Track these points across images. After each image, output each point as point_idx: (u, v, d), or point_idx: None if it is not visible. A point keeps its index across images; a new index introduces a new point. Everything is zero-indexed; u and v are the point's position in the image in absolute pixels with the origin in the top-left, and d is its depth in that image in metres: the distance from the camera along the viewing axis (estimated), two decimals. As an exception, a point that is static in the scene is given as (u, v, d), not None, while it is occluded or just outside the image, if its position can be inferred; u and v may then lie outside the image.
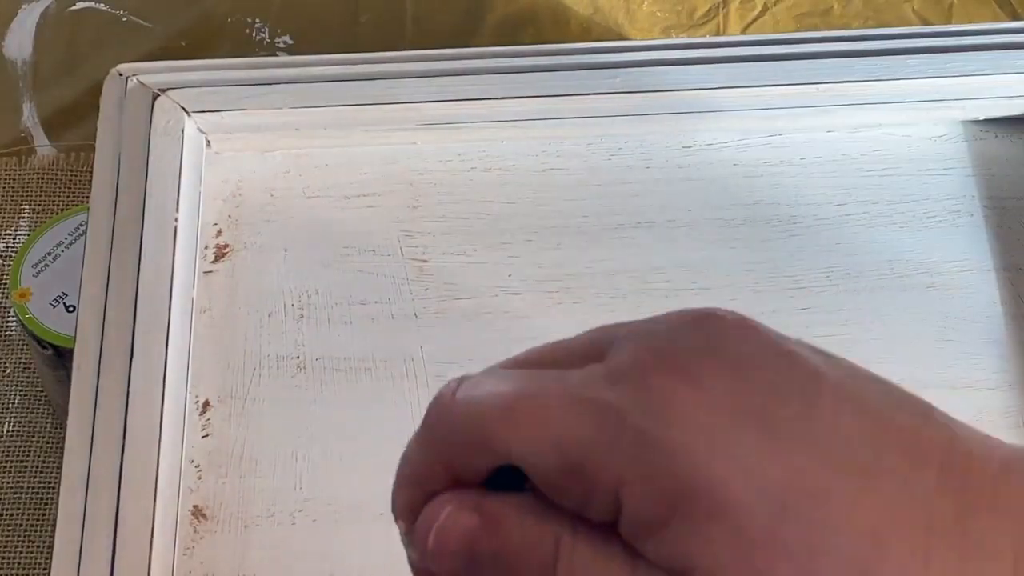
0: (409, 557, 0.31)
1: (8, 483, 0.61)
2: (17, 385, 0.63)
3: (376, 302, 0.51)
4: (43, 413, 0.63)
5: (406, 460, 0.31)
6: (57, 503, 0.44)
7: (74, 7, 0.74)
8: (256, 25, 0.73)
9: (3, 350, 0.64)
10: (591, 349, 0.30)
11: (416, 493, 0.30)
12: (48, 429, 0.62)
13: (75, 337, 0.47)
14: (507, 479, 0.29)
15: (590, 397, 0.28)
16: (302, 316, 0.50)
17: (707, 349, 0.29)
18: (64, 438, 0.45)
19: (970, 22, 0.72)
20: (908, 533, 0.26)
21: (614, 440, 0.27)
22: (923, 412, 0.28)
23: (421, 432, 0.31)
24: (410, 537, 0.30)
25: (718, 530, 0.26)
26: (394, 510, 0.31)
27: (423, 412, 0.48)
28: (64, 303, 0.58)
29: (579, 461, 0.27)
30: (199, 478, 0.47)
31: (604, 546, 0.28)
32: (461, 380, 0.30)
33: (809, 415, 0.27)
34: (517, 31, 0.73)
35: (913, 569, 0.26)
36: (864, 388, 0.29)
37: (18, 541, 0.59)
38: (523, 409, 0.28)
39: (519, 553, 0.28)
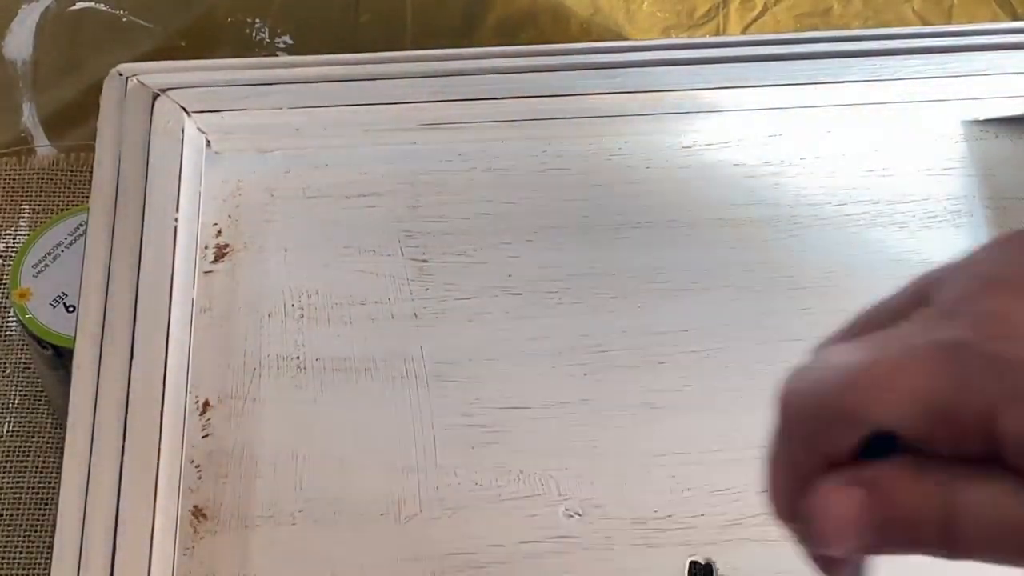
0: (807, 553, 0.31)
1: (8, 483, 0.61)
2: (17, 385, 0.63)
3: (376, 302, 0.51)
4: (43, 413, 0.63)
5: (770, 462, 0.32)
6: (57, 503, 0.44)
7: (74, 7, 0.74)
8: (256, 25, 0.73)
9: (3, 350, 0.64)
10: (913, 299, 0.30)
11: (791, 490, 0.30)
12: (48, 429, 0.62)
13: (75, 337, 0.47)
14: (878, 447, 0.29)
15: (933, 340, 0.28)
16: (302, 316, 0.50)
17: None
18: (64, 438, 0.45)
19: (970, 22, 0.72)
20: None
21: (971, 374, 0.27)
22: None
23: (778, 429, 0.31)
24: (801, 535, 0.30)
25: None
26: (776, 515, 0.31)
27: (423, 412, 0.48)
28: (64, 303, 0.58)
29: (943, 407, 0.27)
30: (199, 478, 0.47)
31: (998, 482, 0.27)
32: (797, 369, 0.30)
33: None
34: (517, 31, 0.73)
35: None
36: None
37: (18, 541, 0.59)
38: (872, 373, 0.28)
39: (914, 513, 0.28)
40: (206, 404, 0.48)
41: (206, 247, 0.51)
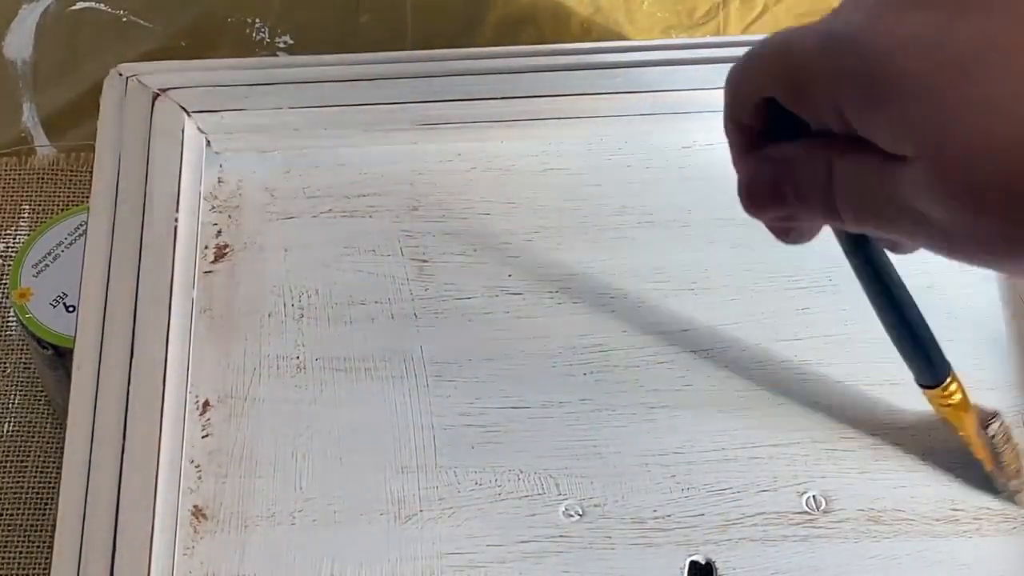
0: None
1: (8, 483, 0.61)
2: (17, 385, 0.63)
3: (376, 302, 0.51)
4: (43, 413, 0.63)
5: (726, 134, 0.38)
6: (57, 503, 0.44)
7: (74, 7, 0.74)
8: (256, 25, 0.73)
9: (3, 350, 0.64)
10: None
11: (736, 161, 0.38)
12: (48, 429, 0.62)
13: (75, 337, 0.47)
14: (785, 127, 0.35)
15: (822, 29, 0.33)
16: (302, 316, 0.50)
17: None
18: (64, 438, 0.45)
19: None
20: None
21: (825, 56, 0.32)
22: None
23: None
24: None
25: (899, 105, 0.30)
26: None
27: (423, 412, 0.48)
28: (64, 303, 0.58)
29: (799, 80, 0.33)
30: (199, 478, 0.47)
31: (864, 155, 0.32)
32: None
33: None
34: (517, 31, 0.73)
35: None
36: None
37: (18, 541, 0.60)
38: (759, 51, 0.35)
39: (806, 181, 0.35)
40: (206, 404, 0.48)
41: (206, 247, 0.51)
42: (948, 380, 0.44)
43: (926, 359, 0.43)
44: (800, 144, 0.35)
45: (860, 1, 0.32)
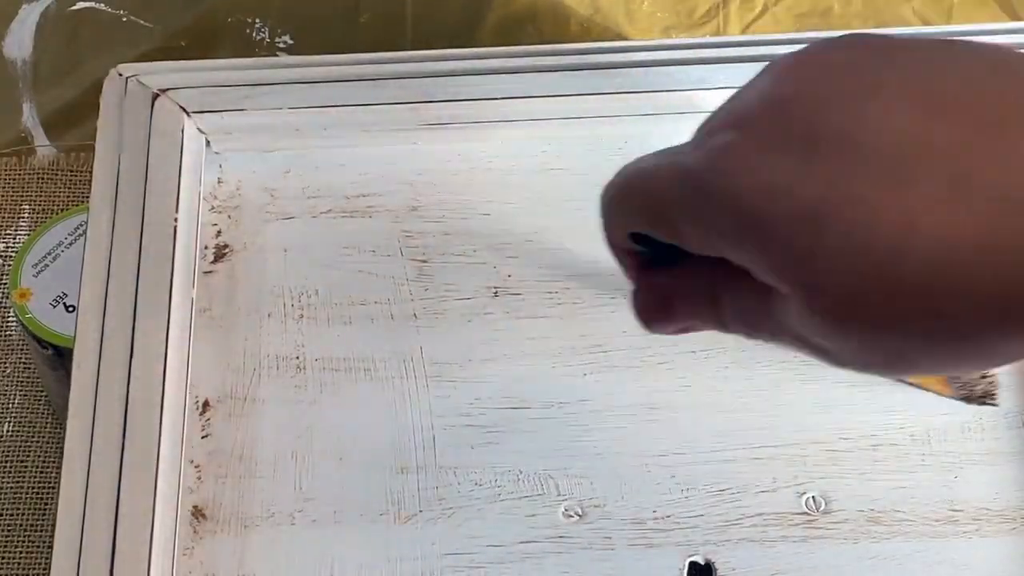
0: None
1: (8, 483, 0.61)
2: (17, 385, 0.63)
3: (376, 302, 0.51)
4: (43, 413, 0.63)
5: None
6: (57, 503, 0.44)
7: (74, 7, 0.74)
8: (256, 25, 0.73)
9: (3, 350, 0.64)
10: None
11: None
12: (48, 429, 0.62)
13: (75, 337, 0.47)
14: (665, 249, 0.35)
15: (677, 165, 0.32)
16: (302, 316, 0.50)
17: (774, 99, 0.32)
18: (64, 438, 0.45)
19: (970, 22, 0.72)
20: None
21: (683, 197, 0.31)
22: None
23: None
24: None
25: (759, 248, 0.30)
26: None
27: (423, 412, 0.48)
28: (64, 303, 0.58)
29: (664, 217, 0.33)
30: (199, 478, 0.47)
31: (745, 283, 0.31)
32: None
33: (854, 126, 0.29)
34: (517, 31, 0.73)
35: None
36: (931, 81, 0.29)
37: (18, 541, 0.60)
38: (623, 182, 0.35)
39: (695, 308, 0.36)
40: (206, 404, 0.48)
41: (206, 247, 0.51)
42: None
43: None
44: (684, 271, 0.35)
45: (712, 135, 0.32)
